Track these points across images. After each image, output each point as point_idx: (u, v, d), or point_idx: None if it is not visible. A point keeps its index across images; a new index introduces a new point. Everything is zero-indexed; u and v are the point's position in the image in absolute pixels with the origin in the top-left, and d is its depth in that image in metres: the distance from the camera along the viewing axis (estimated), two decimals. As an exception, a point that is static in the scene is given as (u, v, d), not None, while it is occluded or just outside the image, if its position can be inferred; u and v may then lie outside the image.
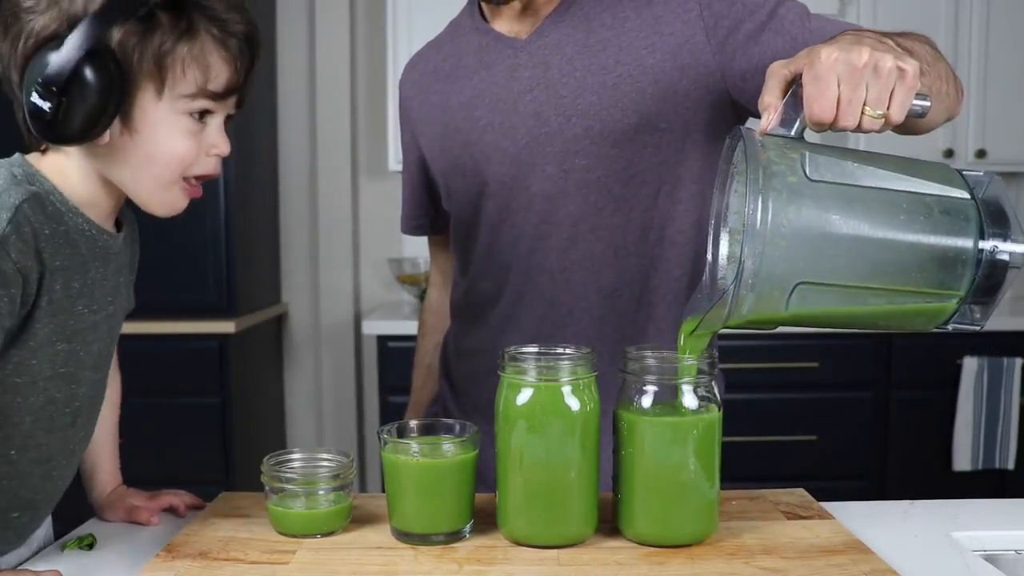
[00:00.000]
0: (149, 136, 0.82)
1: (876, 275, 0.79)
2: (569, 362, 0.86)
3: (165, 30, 0.80)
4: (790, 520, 0.94)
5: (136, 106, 0.81)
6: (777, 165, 0.78)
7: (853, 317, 0.82)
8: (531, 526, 0.87)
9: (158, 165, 0.84)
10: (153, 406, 2.64)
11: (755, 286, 0.77)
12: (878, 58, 0.77)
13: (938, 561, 0.88)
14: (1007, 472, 2.81)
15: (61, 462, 0.91)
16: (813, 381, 2.78)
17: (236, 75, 0.85)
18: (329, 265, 3.23)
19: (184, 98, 0.82)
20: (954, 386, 2.77)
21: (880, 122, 0.79)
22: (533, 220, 1.13)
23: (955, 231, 0.79)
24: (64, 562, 0.90)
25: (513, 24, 1.15)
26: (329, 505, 0.91)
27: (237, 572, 0.82)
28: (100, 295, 0.89)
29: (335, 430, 3.26)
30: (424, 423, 0.95)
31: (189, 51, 0.81)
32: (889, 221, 0.79)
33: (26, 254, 0.78)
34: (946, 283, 0.80)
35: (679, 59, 1.08)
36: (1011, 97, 2.97)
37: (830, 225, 0.78)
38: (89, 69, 0.77)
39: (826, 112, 0.79)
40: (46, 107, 0.77)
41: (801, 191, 0.77)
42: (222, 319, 2.69)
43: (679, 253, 1.14)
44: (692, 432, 0.85)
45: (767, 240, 0.76)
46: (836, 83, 0.78)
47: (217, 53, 0.83)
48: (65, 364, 0.86)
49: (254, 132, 2.94)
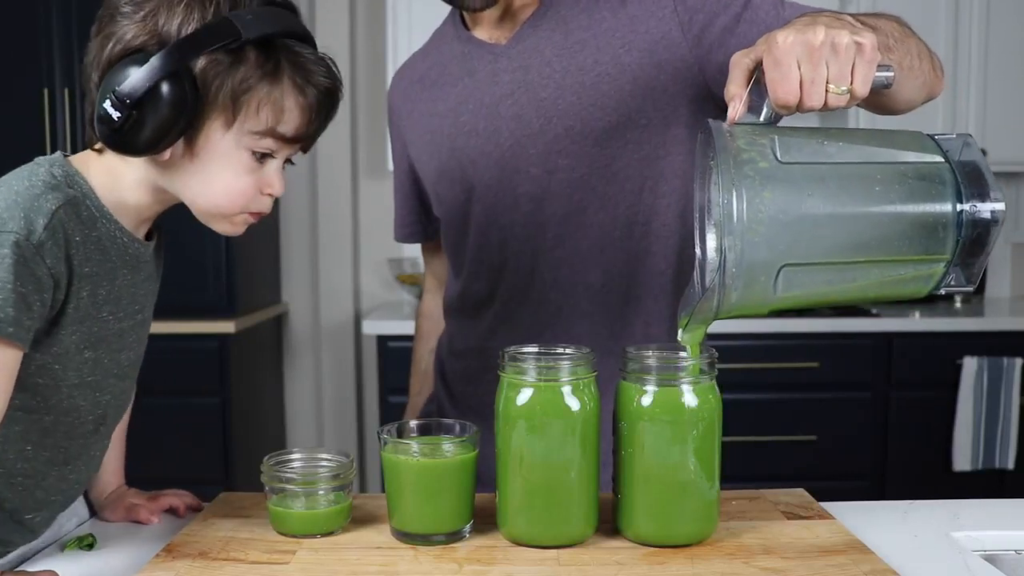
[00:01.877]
0: (209, 163, 0.83)
1: (859, 248, 0.79)
2: (569, 362, 0.86)
3: (250, 66, 0.81)
4: (790, 520, 0.94)
5: (203, 133, 0.82)
6: (747, 152, 0.78)
7: (844, 293, 0.82)
8: (531, 526, 0.87)
9: (216, 196, 0.85)
10: (153, 406, 2.63)
11: (740, 275, 0.77)
12: (834, 35, 0.78)
13: (938, 561, 0.88)
14: (1007, 472, 2.81)
15: (79, 466, 0.92)
16: (813, 381, 2.78)
17: (308, 124, 0.85)
18: (329, 265, 3.23)
19: (251, 135, 0.83)
20: (954, 386, 2.77)
21: (846, 97, 0.80)
22: (520, 221, 1.15)
23: (932, 196, 0.79)
24: (64, 562, 0.90)
25: (493, 30, 1.17)
26: (329, 505, 0.91)
27: (237, 572, 0.82)
28: (127, 302, 0.89)
29: (335, 430, 3.26)
30: (424, 423, 0.95)
31: (268, 92, 0.82)
32: (865, 194, 0.79)
33: (59, 259, 0.79)
34: (931, 248, 0.80)
35: (656, 56, 1.09)
36: (1011, 97, 2.97)
37: (806, 205, 0.78)
38: (166, 87, 0.78)
39: (790, 94, 0.79)
40: (115, 116, 0.78)
41: (773, 175, 0.78)
42: (222, 319, 2.69)
43: (664, 247, 1.15)
44: (692, 432, 0.85)
45: (745, 228, 0.76)
46: (796, 65, 0.79)
47: (294, 99, 0.83)
48: (92, 372, 0.87)
49: (254, 132, 2.93)
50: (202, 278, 2.70)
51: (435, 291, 1.41)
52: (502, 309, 1.19)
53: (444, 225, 1.25)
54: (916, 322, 2.83)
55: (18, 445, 0.86)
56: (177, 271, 2.68)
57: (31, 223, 0.77)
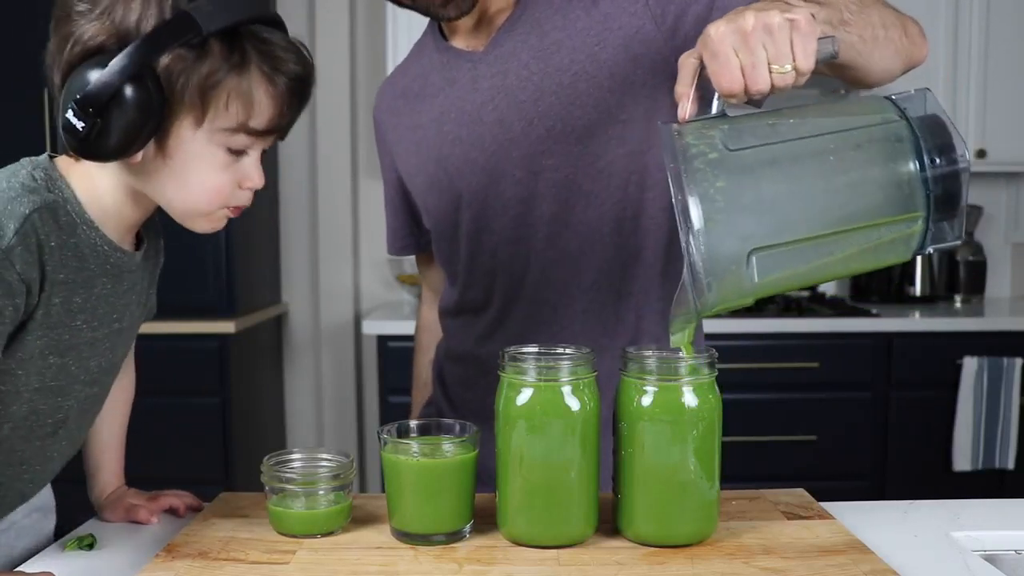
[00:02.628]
0: (182, 164, 0.81)
1: (827, 221, 0.78)
2: (569, 362, 0.86)
3: (216, 60, 0.77)
4: (790, 520, 0.94)
5: (172, 133, 0.79)
6: (696, 147, 0.78)
7: (826, 268, 0.80)
8: (531, 526, 0.87)
9: (192, 196, 0.83)
10: (153, 406, 2.63)
11: (710, 270, 0.76)
12: (765, 17, 0.78)
13: (938, 561, 0.88)
14: (1007, 472, 2.81)
15: (35, 467, 0.90)
16: (813, 381, 2.78)
17: (281, 115, 0.83)
18: (329, 265, 3.23)
19: (223, 132, 0.80)
20: (954, 386, 2.77)
21: (792, 75, 0.79)
22: (510, 225, 1.15)
23: (892, 156, 0.79)
24: (64, 562, 0.90)
25: (469, 39, 1.17)
26: (329, 505, 0.91)
27: (237, 572, 0.82)
28: (104, 311, 0.87)
29: (335, 430, 3.26)
30: (424, 423, 0.95)
31: (237, 85, 0.79)
32: (820, 166, 0.78)
33: (31, 265, 0.77)
34: (902, 208, 0.79)
35: (631, 50, 1.09)
36: (1011, 97, 2.97)
37: (761, 187, 0.77)
38: (130, 91, 0.75)
39: (733, 83, 0.79)
40: (79, 126, 0.75)
41: (724, 164, 0.77)
42: (222, 319, 2.69)
43: (654, 240, 1.16)
44: (692, 432, 0.85)
45: (703, 220, 0.76)
46: (734, 53, 0.79)
47: (264, 90, 0.80)
48: (55, 378, 0.85)
49: (254, 132, 2.93)
50: (202, 278, 2.70)
51: (431, 302, 1.41)
52: (497, 313, 1.20)
53: (435, 236, 1.26)
54: (916, 322, 2.83)
55: None
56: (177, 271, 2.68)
57: (2, 227, 0.75)
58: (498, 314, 1.20)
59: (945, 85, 2.96)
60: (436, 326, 1.37)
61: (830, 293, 3.30)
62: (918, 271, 3.19)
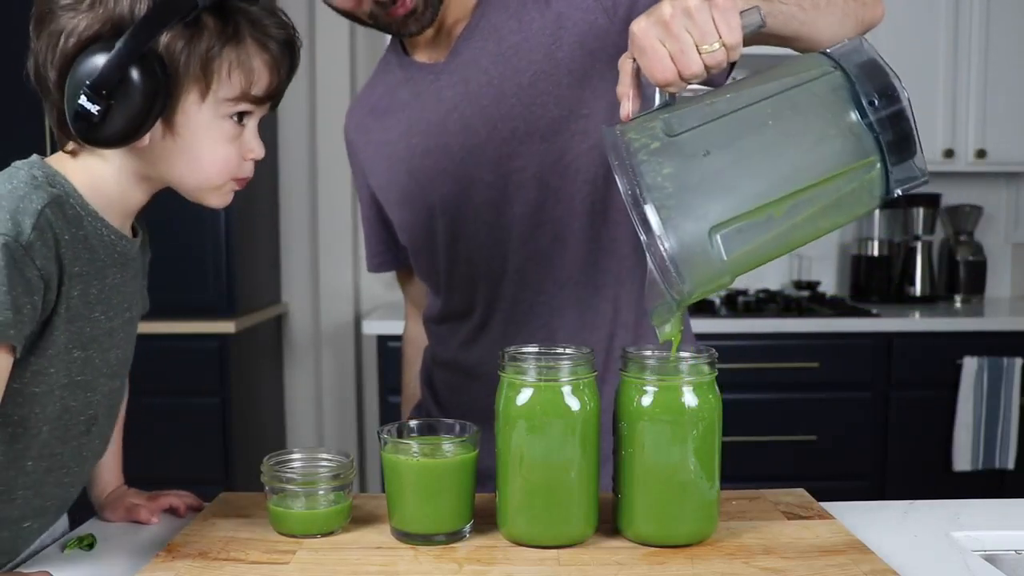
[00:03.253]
0: (191, 139, 0.83)
1: (779, 185, 0.78)
2: (569, 362, 0.86)
3: (212, 34, 0.80)
4: (790, 520, 0.94)
5: (179, 110, 0.82)
6: (638, 141, 0.79)
7: (795, 231, 0.79)
8: (531, 526, 0.87)
9: (204, 170, 0.85)
10: (153, 406, 2.63)
11: (676, 258, 0.76)
12: (682, 3, 0.80)
13: (938, 561, 0.88)
14: (1007, 472, 2.81)
15: (74, 469, 0.91)
16: (813, 381, 2.78)
17: (278, 79, 0.86)
18: (329, 265, 3.23)
19: (227, 102, 0.83)
20: (954, 386, 2.77)
21: (722, 52, 0.80)
22: (483, 229, 1.17)
23: (831, 108, 0.79)
24: (64, 562, 0.90)
25: (430, 51, 1.19)
26: (329, 505, 0.91)
27: (237, 572, 0.82)
28: (117, 301, 0.88)
29: (335, 430, 3.26)
30: (424, 423, 0.95)
31: (236, 56, 0.82)
32: (759, 131, 0.79)
33: (49, 259, 0.78)
34: (854, 156, 0.79)
35: (587, 46, 1.11)
36: (1011, 97, 2.97)
37: (706, 163, 0.77)
38: (138, 73, 0.77)
39: (666, 72, 0.81)
40: (94, 110, 0.77)
41: (667, 150, 0.77)
42: (222, 319, 2.69)
43: (625, 232, 1.17)
44: (692, 432, 0.85)
45: (657, 209, 0.75)
46: (660, 44, 0.80)
47: (260, 57, 0.84)
48: (81, 372, 0.86)
49: (254, 132, 2.93)
50: (202, 278, 2.70)
51: (415, 316, 1.42)
52: (479, 318, 1.21)
53: (412, 250, 1.27)
54: (916, 322, 2.83)
55: (19, 462, 0.85)
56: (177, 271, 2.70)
57: (19, 224, 0.76)
58: (480, 319, 1.21)
59: (945, 85, 2.96)
60: (421, 339, 1.38)
61: (830, 293, 3.30)
62: (918, 271, 3.19)
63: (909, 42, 2.94)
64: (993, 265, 3.30)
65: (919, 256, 3.17)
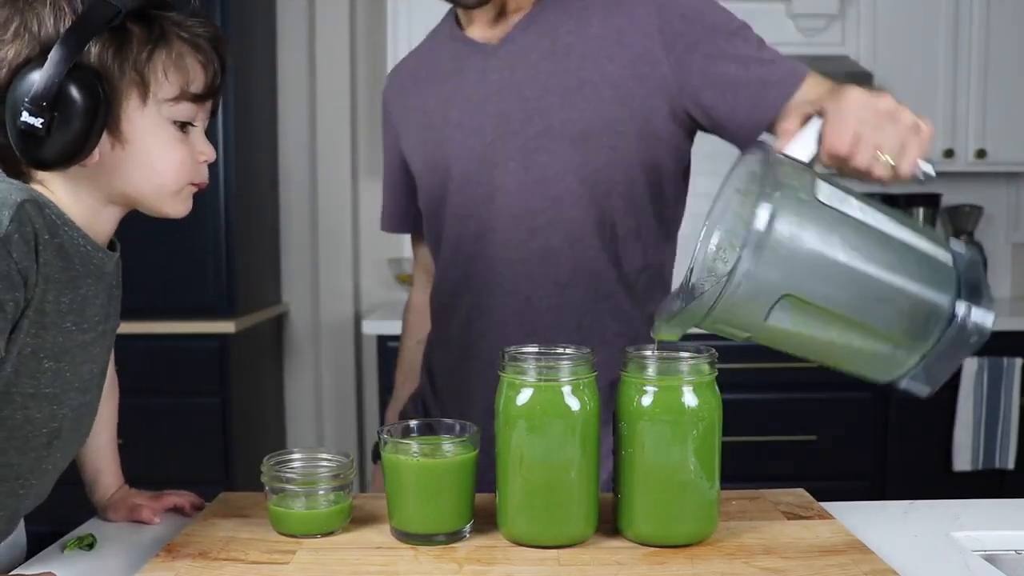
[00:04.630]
0: (141, 145, 0.82)
1: (857, 309, 0.82)
2: (569, 362, 0.86)
3: (140, 40, 0.80)
4: (790, 520, 0.94)
5: (123, 117, 0.81)
6: (790, 180, 0.81)
7: (818, 344, 0.85)
8: (531, 526, 0.87)
9: (160, 175, 0.84)
10: (153, 406, 2.64)
11: (744, 287, 0.78)
12: (899, 109, 0.83)
13: (938, 561, 0.88)
14: (1007, 472, 2.81)
15: (31, 481, 0.88)
16: (813, 381, 2.78)
17: (213, 76, 0.86)
18: (329, 265, 3.23)
19: (168, 103, 0.82)
20: (954, 386, 2.77)
21: (889, 170, 0.84)
22: (496, 213, 1.19)
23: (936, 287, 0.82)
24: (64, 562, 0.90)
25: (485, 31, 1.22)
26: (329, 505, 0.91)
27: (237, 572, 0.82)
28: (90, 314, 0.86)
29: (335, 430, 3.26)
30: (424, 423, 0.95)
31: (168, 56, 0.82)
32: (882, 261, 0.82)
33: (27, 255, 0.76)
34: (916, 335, 0.83)
35: (637, 68, 1.14)
36: (1011, 97, 2.96)
37: (829, 248, 0.80)
38: (74, 87, 0.76)
39: (843, 145, 0.83)
40: (39, 123, 0.75)
41: (808, 210, 0.80)
42: (222, 319, 2.69)
43: (633, 249, 1.20)
44: (692, 432, 0.85)
45: (767, 245, 0.77)
46: (856, 121, 0.83)
47: (192, 56, 0.84)
48: (51, 384, 0.83)
49: (254, 132, 2.94)
50: (202, 278, 2.70)
51: (423, 286, 1.43)
52: (474, 299, 1.23)
53: (425, 215, 1.30)
54: (916, 322, 2.83)
55: None
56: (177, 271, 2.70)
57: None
58: (476, 300, 1.22)
59: (945, 85, 2.96)
60: (426, 308, 1.39)
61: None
62: (918, 271, 3.18)
63: (909, 42, 2.94)
64: (993, 265, 3.30)
65: (919, 256, 3.17)
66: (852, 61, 2.94)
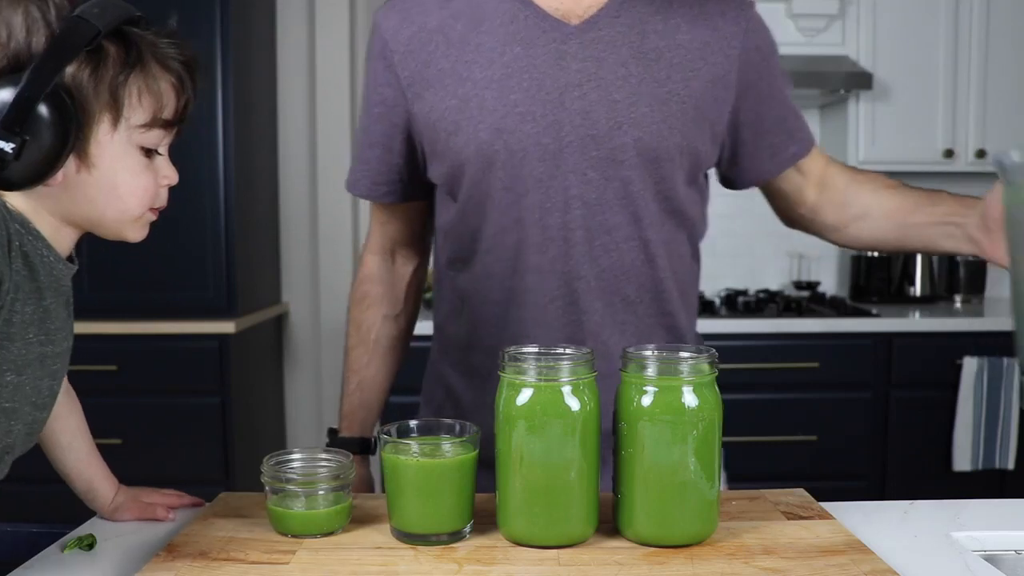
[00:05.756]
0: (107, 170, 0.80)
1: None
2: (569, 362, 0.86)
3: (116, 62, 0.79)
4: (790, 520, 0.94)
5: (92, 140, 0.79)
6: None
7: None
8: (531, 526, 0.87)
9: (123, 201, 0.82)
10: (153, 406, 2.64)
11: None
12: None
13: (938, 561, 0.88)
14: (1007, 472, 2.81)
15: None
16: (813, 381, 2.78)
17: (184, 101, 0.84)
18: (329, 265, 3.23)
19: (138, 128, 0.81)
20: (954, 386, 2.77)
21: None
22: (571, 224, 1.09)
23: None
24: (64, 562, 0.90)
25: (559, 2, 1.08)
26: (329, 505, 0.91)
27: (237, 572, 0.82)
28: (53, 327, 0.84)
29: (335, 430, 3.26)
30: (424, 423, 0.95)
31: (144, 80, 0.80)
32: None
33: (3, 257, 0.75)
34: None
35: (716, 90, 1.11)
36: (1011, 97, 2.97)
37: None
38: (48, 106, 0.74)
39: None
40: (8, 148, 0.73)
41: None
42: (222, 319, 2.69)
43: (691, 270, 1.19)
44: (692, 432, 0.85)
45: None
46: None
47: (166, 80, 0.82)
48: (11, 399, 0.81)
49: (254, 133, 2.94)
50: (202, 278, 2.70)
51: (385, 254, 1.29)
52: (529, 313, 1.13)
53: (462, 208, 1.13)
54: (916, 322, 2.83)
55: None
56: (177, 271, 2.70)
57: None
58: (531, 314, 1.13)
59: (945, 85, 2.96)
60: (390, 279, 1.28)
61: (830, 293, 3.30)
62: (918, 271, 3.19)
63: (909, 42, 2.94)
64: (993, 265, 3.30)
65: (919, 256, 3.17)
66: (852, 61, 2.94)
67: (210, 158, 2.64)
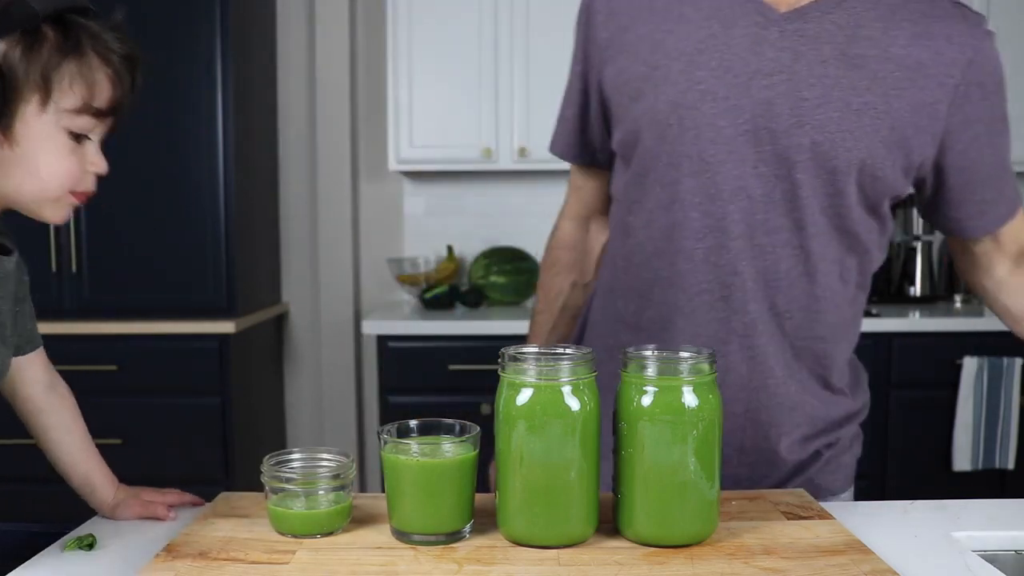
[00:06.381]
0: (30, 149, 0.82)
1: None
2: (569, 362, 0.86)
3: (52, 45, 0.80)
4: (790, 520, 0.94)
5: (18, 118, 0.80)
6: None
7: None
8: (531, 526, 0.87)
9: (42, 181, 0.83)
10: (153, 406, 2.64)
11: None
12: None
13: (938, 561, 0.88)
14: (1007, 472, 2.81)
15: None
16: (813, 381, 2.78)
17: (119, 94, 0.85)
18: (329, 265, 3.23)
19: (68, 113, 0.82)
20: (954, 386, 2.77)
21: None
22: (731, 215, 1.03)
23: None
24: (64, 562, 0.90)
25: None
26: (329, 505, 0.91)
27: (237, 572, 0.82)
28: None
29: (335, 430, 3.26)
30: (424, 423, 0.95)
31: (77, 67, 0.81)
32: None
33: None
34: None
35: (918, 117, 1.00)
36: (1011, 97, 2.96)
37: None
38: None
39: None
40: None
41: None
42: (222, 319, 2.69)
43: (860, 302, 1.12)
44: (692, 432, 0.85)
45: None
46: None
47: (102, 71, 0.83)
48: None
49: (254, 133, 2.94)
50: (202, 278, 2.70)
51: (579, 219, 1.26)
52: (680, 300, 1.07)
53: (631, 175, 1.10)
54: (916, 322, 2.83)
55: None
56: (177, 271, 2.70)
57: None
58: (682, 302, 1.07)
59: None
60: (582, 246, 1.25)
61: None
62: (918, 271, 3.19)
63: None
64: None
65: (919, 256, 3.17)
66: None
67: (210, 158, 2.64)
